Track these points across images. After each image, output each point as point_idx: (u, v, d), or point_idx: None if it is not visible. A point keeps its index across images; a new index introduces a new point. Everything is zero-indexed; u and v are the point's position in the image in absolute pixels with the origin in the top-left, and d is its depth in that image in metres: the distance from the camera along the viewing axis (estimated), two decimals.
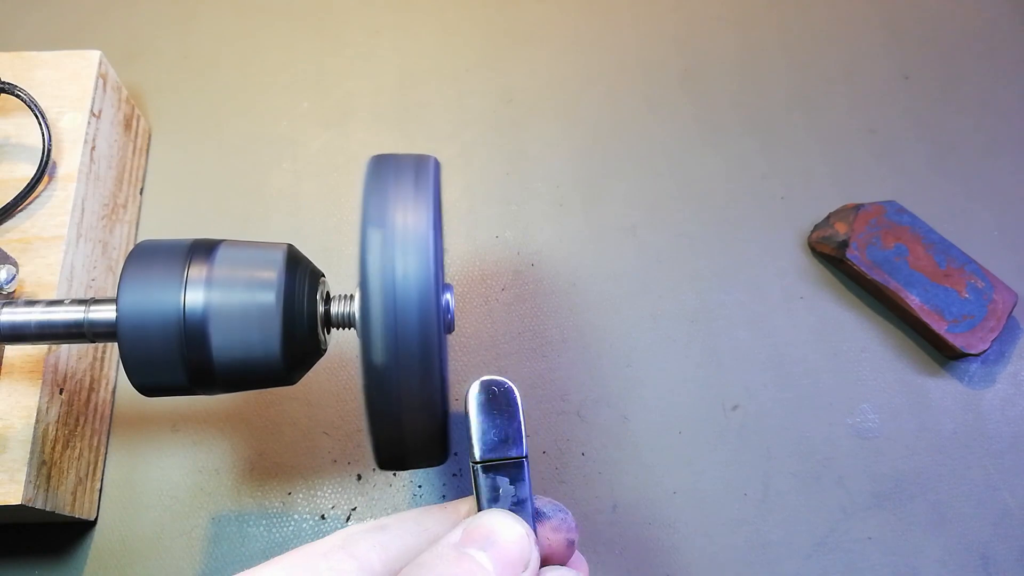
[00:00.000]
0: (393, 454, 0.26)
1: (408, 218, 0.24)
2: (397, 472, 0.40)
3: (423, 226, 0.24)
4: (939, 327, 0.42)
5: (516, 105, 0.51)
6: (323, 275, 0.30)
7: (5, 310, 0.29)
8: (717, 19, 0.55)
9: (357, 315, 0.26)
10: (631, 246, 0.47)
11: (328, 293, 0.29)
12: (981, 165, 0.49)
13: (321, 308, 0.28)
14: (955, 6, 0.55)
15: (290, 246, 0.29)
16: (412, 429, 0.25)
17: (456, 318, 0.37)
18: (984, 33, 0.54)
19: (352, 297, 0.29)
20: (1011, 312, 0.43)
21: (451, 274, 0.46)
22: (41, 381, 0.35)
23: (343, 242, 0.47)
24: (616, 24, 0.55)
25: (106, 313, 0.28)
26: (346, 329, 0.29)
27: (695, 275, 0.46)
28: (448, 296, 0.26)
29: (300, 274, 0.28)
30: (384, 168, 0.25)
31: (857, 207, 0.46)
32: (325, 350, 0.30)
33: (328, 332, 0.29)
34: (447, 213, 0.47)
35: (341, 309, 0.28)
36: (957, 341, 0.42)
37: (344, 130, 0.50)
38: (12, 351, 0.35)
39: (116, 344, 0.27)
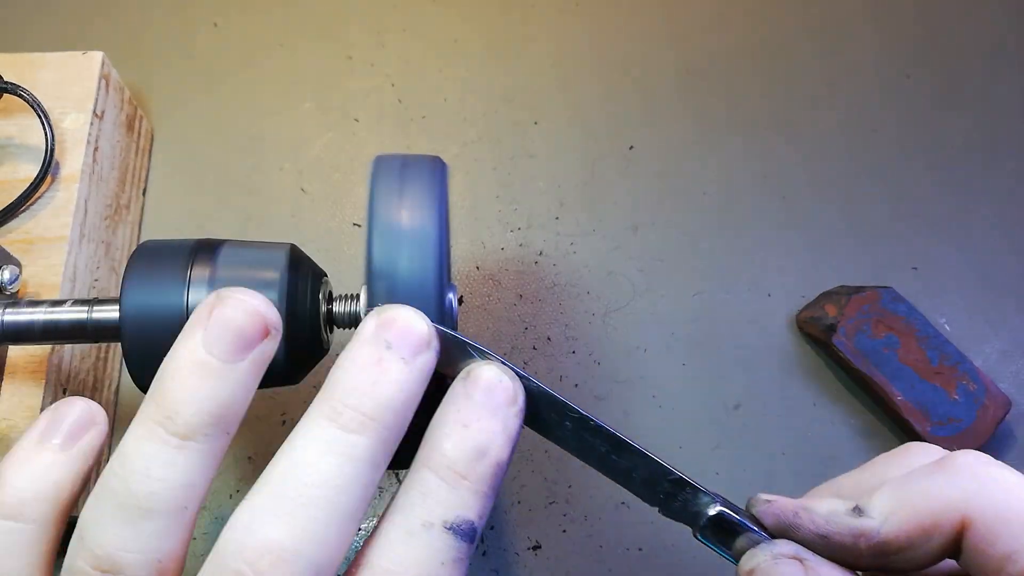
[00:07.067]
0: (395, 453, 0.26)
1: (415, 219, 0.24)
2: (398, 472, 0.41)
3: (430, 227, 0.24)
4: (922, 427, 0.39)
5: (516, 105, 0.51)
6: (325, 275, 0.30)
7: (8, 311, 0.29)
8: (717, 20, 0.55)
9: (362, 314, 0.27)
10: (631, 246, 0.47)
11: (331, 292, 0.29)
12: (981, 165, 0.50)
13: (324, 307, 0.28)
14: (955, 6, 0.56)
15: (292, 246, 0.29)
16: (413, 428, 0.25)
17: (457, 318, 0.37)
18: (984, 33, 0.54)
19: (356, 297, 0.29)
20: (1002, 420, 0.40)
21: (452, 274, 0.46)
22: (44, 381, 0.35)
23: (345, 242, 0.47)
24: (616, 24, 0.55)
25: (109, 313, 0.28)
26: (350, 329, 0.29)
27: (695, 275, 0.46)
28: (451, 296, 0.26)
29: (302, 274, 0.28)
30: (392, 168, 0.25)
31: (851, 291, 0.43)
32: (328, 349, 0.30)
33: (331, 331, 0.29)
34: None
35: (344, 308, 0.29)
36: (939, 444, 0.39)
37: (346, 130, 0.50)
38: (15, 351, 0.35)
39: (119, 344, 0.27)
